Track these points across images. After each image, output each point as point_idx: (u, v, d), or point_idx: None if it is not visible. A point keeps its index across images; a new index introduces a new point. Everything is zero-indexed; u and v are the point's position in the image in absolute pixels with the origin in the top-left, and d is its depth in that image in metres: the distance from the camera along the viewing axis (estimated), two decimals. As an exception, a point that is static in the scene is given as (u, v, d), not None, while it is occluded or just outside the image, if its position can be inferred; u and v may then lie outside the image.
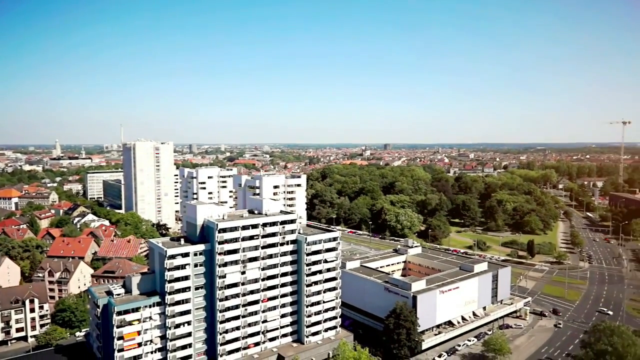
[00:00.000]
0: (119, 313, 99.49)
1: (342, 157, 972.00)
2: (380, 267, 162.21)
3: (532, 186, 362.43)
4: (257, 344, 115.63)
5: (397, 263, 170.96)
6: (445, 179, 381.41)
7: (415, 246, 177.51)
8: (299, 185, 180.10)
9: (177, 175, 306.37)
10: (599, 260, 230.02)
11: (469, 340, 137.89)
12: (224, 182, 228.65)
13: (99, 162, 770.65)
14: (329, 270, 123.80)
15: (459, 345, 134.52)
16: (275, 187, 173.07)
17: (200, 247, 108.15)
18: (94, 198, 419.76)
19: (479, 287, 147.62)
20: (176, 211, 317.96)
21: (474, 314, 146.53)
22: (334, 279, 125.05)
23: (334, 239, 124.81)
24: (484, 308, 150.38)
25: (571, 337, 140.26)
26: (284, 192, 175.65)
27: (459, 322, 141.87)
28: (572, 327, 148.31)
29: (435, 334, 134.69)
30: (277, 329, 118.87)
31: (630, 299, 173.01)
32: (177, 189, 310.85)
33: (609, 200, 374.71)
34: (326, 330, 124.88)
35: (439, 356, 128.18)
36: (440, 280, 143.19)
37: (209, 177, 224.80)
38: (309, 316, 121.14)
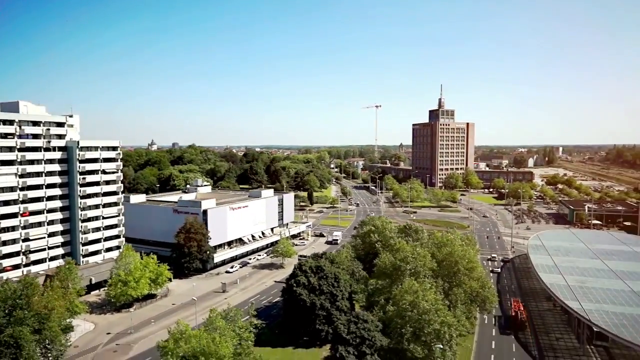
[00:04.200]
0: None
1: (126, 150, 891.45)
2: (168, 201, 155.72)
3: (310, 158, 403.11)
4: (16, 267, 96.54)
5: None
6: (234, 154, 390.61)
7: (205, 185, 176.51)
8: (71, 126, 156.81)
9: None
10: (363, 204, 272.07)
11: (260, 255, 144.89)
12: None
13: None
14: (108, 182, 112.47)
15: (250, 259, 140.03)
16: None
17: None
18: None
19: (266, 209, 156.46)
20: None
21: (263, 233, 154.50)
22: (115, 193, 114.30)
23: (113, 148, 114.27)
24: (272, 229, 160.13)
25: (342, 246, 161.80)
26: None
27: (249, 240, 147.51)
28: (344, 240, 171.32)
29: (227, 251, 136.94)
30: (44, 249, 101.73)
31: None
32: None
33: (368, 170, 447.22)
34: (107, 250, 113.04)
35: (232, 267, 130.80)
36: (230, 201, 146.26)
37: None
38: (86, 233, 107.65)
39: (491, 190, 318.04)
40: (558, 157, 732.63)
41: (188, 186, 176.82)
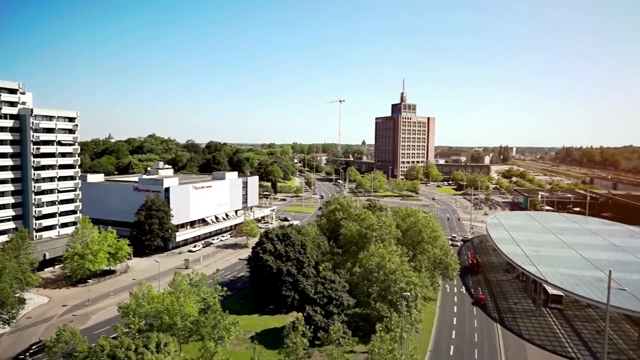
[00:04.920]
0: None
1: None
2: (128, 181, 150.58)
3: (274, 151, 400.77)
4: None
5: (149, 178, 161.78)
6: (196, 145, 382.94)
7: (167, 168, 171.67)
8: (24, 103, 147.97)
9: None
10: (327, 194, 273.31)
11: (223, 236, 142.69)
12: None
13: None
14: (64, 155, 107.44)
15: (214, 240, 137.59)
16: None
17: None
18: None
19: (230, 190, 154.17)
20: None
21: (226, 215, 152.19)
22: (71, 166, 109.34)
23: (70, 119, 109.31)
24: (236, 212, 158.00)
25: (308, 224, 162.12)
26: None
27: (213, 221, 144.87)
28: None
29: (189, 230, 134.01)
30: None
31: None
32: None
33: (332, 163, 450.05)
34: (63, 226, 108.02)
35: (194, 247, 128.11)
36: (193, 181, 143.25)
37: None
38: (39, 207, 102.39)
39: (450, 182, 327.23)
40: (512, 156, 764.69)
41: (149, 169, 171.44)
